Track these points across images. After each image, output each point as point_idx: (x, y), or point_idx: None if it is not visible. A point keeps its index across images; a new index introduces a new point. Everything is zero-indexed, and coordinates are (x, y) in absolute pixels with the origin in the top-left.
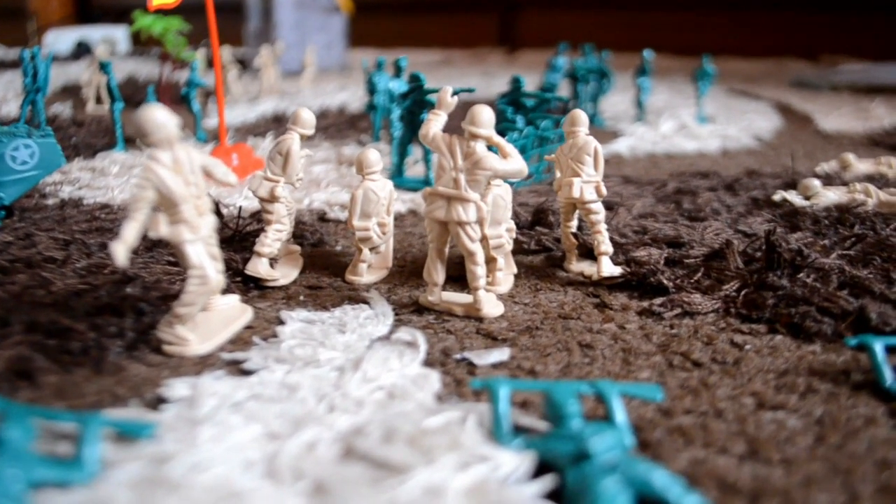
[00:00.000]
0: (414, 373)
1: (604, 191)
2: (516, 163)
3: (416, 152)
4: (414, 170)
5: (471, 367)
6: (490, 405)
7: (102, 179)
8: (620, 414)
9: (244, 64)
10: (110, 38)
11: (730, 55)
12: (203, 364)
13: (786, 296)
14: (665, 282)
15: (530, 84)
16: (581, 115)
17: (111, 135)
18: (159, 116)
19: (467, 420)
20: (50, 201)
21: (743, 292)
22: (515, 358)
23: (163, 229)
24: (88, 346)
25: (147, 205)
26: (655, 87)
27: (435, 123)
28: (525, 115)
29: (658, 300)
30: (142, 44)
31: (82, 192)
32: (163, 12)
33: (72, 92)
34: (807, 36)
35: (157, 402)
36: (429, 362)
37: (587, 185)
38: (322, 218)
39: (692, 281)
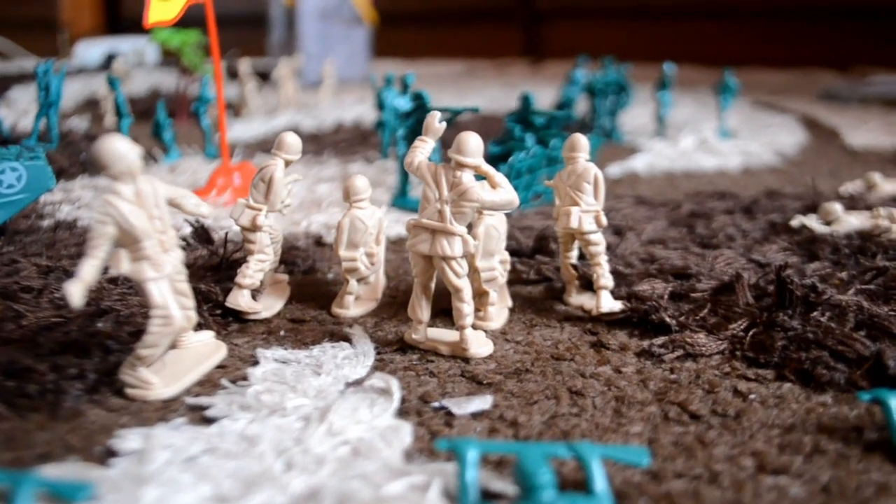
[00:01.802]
0: (384, 425)
1: (604, 221)
2: (506, 193)
3: None
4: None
5: (449, 416)
6: (457, 469)
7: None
8: (601, 482)
9: (265, 76)
10: (139, 49)
11: (756, 66)
12: (165, 409)
13: (797, 338)
14: (668, 319)
15: (547, 98)
16: (581, 140)
17: None
18: (120, 147)
19: (431, 487)
20: (46, 222)
21: (751, 332)
22: (498, 406)
23: (124, 266)
24: (46, 389)
25: (107, 241)
26: (679, 99)
27: (421, 151)
28: (535, 133)
29: (659, 340)
30: (170, 55)
31: (80, 211)
32: (179, 25)
33: (95, 105)
34: (836, 46)
35: (107, 456)
36: (404, 410)
37: (586, 214)
38: (318, 242)
39: (697, 318)
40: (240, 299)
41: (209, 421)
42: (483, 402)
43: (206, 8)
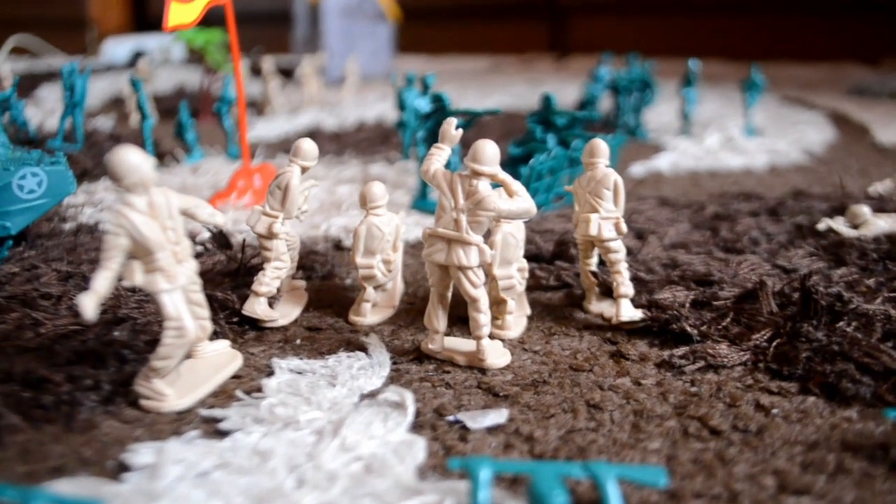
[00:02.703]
0: (398, 440)
1: (624, 228)
2: (523, 202)
3: None
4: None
5: (464, 430)
6: (470, 489)
7: None
8: (616, 503)
9: (289, 73)
10: (165, 46)
11: (783, 60)
12: (180, 421)
13: (822, 349)
14: (689, 329)
15: (573, 94)
16: (600, 146)
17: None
18: (132, 158)
19: None
20: (68, 225)
21: (774, 343)
22: (514, 420)
23: (137, 278)
24: (61, 400)
25: (120, 252)
26: (705, 95)
27: (437, 158)
28: (556, 134)
29: (680, 350)
30: (195, 53)
31: (103, 214)
32: (203, 24)
33: (121, 103)
34: (866, 39)
35: (119, 470)
36: (419, 424)
37: (606, 221)
38: (337, 246)
39: (720, 327)
40: (256, 307)
41: (222, 434)
42: (499, 415)
43: (226, 9)
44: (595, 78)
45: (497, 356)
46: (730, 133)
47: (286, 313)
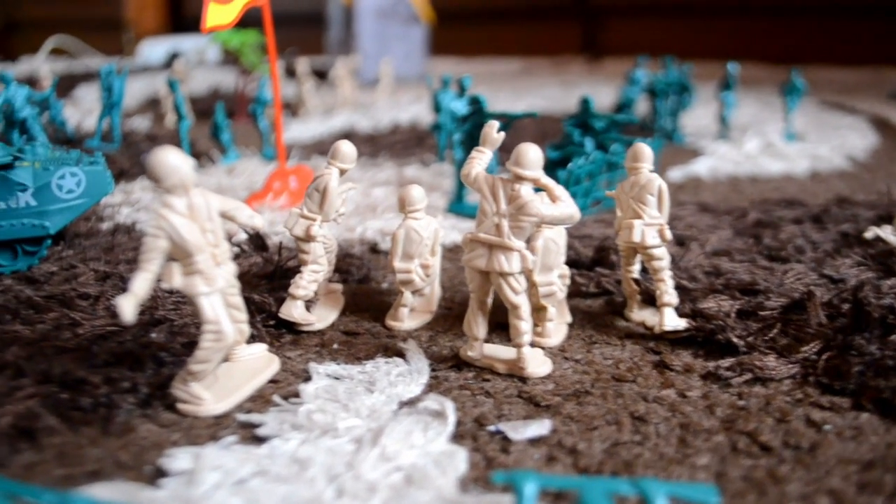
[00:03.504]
0: (439, 450)
1: (668, 235)
2: (566, 207)
3: None
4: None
5: (505, 441)
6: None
7: None
8: None
9: (322, 75)
10: (200, 48)
11: (823, 63)
12: (217, 425)
13: (874, 363)
14: (735, 340)
15: (607, 97)
16: (645, 150)
17: None
18: (172, 160)
19: None
20: (106, 224)
21: (825, 356)
22: (557, 432)
23: (176, 280)
24: (99, 403)
25: (159, 255)
26: (742, 99)
27: (478, 162)
28: (594, 137)
29: (726, 362)
30: (231, 54)
31: (139, 214)
32: (238, 26)
33: (157, 104)
34: None
35: (156, 475)
36: (459, 434)
37: (649, 228)
38: (373, 249)
39: (767, 338)
40: (293, 310)
41: (260, 440)
42: (541, 427)
43: (263, 10)
44: (631, 81)
45: (538, 365)
46: (769, 138)
47: (323, 317)
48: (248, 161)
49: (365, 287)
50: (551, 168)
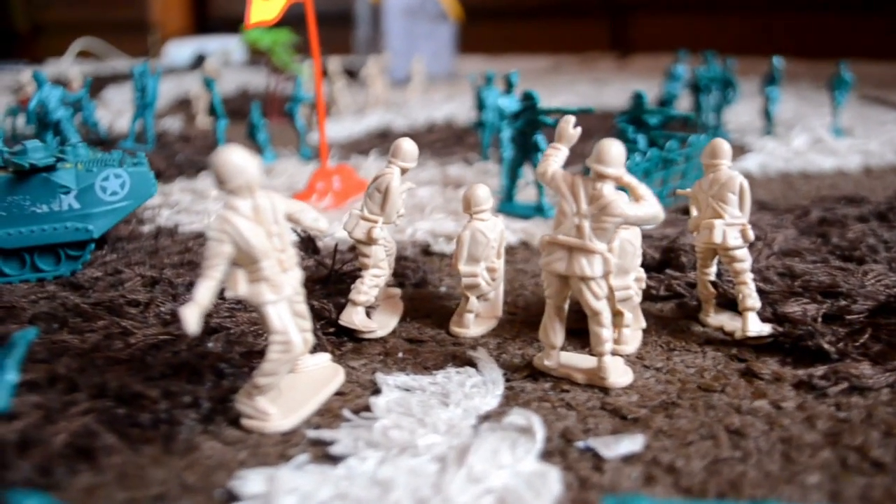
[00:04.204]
0: (529, 469)
1: (751, 235)
2: (651, 207)
3: (527, 174)
4: (525, 193)
5: (597, 459)
6: None
7: (201, 203)
8: None
9: (352, 74)
10: (226, 48)
11: (862, 57)
12: (285, 443)
13: None
14: (826, 346)
15: (647, 94)
16: (724, 146)
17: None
18: (238, 159)
19: None
20: (147, 227)
21: None
22: (651, 448)
23: (241, 288)
24: (159, 419)
25: (224, 260)
26: (782, 96)
27: (555, 159)
28: (647, 134)
29: (818, 370)
30: (258, 54)
31: (180, 216)
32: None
33: (186, 105)
34: None
35: (228, 499)
36: (547, 451)
37: (731, 228)
38: (426, 251)
39: (857, 344)
40: (354, 317)
41: (334, 459)
42: (633, 442)
43: (305, 7)
44: (672, 76)
45: (619, 374)
46: (818, 133)
47: (383, 323)
48: (286, 161)
49: (422, 291)
50: None
